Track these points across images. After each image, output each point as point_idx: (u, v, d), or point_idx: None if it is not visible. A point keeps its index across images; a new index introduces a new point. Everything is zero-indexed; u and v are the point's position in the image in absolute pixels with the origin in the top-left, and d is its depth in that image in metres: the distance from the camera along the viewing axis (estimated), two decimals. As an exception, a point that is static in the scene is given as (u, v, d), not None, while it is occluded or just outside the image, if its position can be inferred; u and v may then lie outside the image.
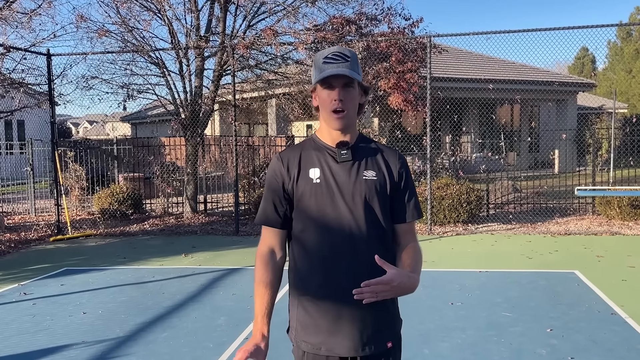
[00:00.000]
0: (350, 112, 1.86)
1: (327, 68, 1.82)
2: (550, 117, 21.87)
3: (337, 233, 1.84)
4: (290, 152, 1.94)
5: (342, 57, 1.83)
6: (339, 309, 1.84)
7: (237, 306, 5.53)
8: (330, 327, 1.85)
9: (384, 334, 1.90)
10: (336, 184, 1.86)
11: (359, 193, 1.86)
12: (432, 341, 4.45)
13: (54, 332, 4.89)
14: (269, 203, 1.93)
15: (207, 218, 11.36)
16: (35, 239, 9.74)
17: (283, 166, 1.91)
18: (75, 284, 6.56)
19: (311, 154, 1.91)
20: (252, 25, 11.31)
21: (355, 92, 1.86)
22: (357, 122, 2.02)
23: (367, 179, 1.87)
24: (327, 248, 1.85)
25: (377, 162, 1.92)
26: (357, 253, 1.83)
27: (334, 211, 1.85)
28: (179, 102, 11.20)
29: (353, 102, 1.86)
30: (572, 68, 41.90)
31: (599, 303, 5.36)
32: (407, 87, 11.67)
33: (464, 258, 7.58)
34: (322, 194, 1.86)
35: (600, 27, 8.81)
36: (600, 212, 10.26)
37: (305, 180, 1.88)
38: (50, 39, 10.99)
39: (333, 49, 1.86)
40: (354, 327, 1.85)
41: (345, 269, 1.83)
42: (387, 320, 1.92)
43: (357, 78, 1.84)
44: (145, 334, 4.78)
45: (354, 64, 1.84)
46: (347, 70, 1.81)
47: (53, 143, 10.38)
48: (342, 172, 1.87)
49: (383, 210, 1.89)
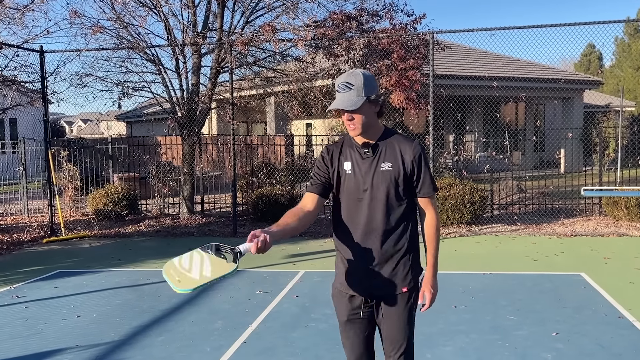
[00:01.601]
0: (362, 124, 2.50)
1: (336, 96, 2.50)
2: (556, 115, 21.87)
3: (361, 211, 2.57)
4: (334, 147, 2.67)
5: (347, 86, 2.47)
6: (361, 263, 2.60)
7: (234, 309, 5.53)
8: (355, 275, 2.62)
9: (395, 283, 2.60)
10: (361, 174, 2.58)
11: (377, 181, 2.55)
12: (435, 345, 4.46)
13: (47, 336, 4.89)
14: (314, 178, 2.67)
15: (204, 219, 11.36)
16: (27, 240, 9.73)
17: (327, 157, 2.66)
18: (69, 287, 6.56)
19: (346, 151, 2.64)
20: (251, 22, 11.31)
21: (362, 110, 2.48)
22: None
23: (384, 169, 2.56)
24: (354, 221, 2.58)
25: (394, 154, 2.57)
26: (374, 225, 2.56)
27: (359, 194, 2.57)
28: (176, 100, 11.20)
29: (360, 119, 2.49)
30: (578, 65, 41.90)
31: (606, 306, 5.36)
32: (409, 84, 11.65)
33: (467, 260, 7.58)
34: (352, 182, 2.59)
35: (607, 23, 8.80)
36: (607, 213, 10.26)
37: (341, 171, 2.62)
38: (43, 35, 11.01)
39: (342, 77, 2.49)
40: (370, 277, 2.59)
41: (365, 236, 2.57)
42: (400, 272, 2.61)
43: (355, 105, 2.44)
44: (140, 338, 4.78)
45: (359, 89, 2.46)
46: (346, 101, 2.46)
47: (46, 142, 10.38)
48: (365, 165, 2.59)
49: (396, 192, 2.56)
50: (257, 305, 5.62)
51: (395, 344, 2.64)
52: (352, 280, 2.64)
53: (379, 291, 2.62)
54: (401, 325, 2.63)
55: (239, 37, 10.49)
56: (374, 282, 2.60)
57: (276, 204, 10.62)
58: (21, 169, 12.64)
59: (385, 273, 2.60)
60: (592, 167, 14.86)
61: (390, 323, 2.63)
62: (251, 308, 5.53)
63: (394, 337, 2.63)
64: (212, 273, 2.18)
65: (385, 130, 2.63)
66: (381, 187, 2.55)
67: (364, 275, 2.61)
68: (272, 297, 5.86)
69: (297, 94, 12.06)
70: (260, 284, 6.44)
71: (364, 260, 2.60)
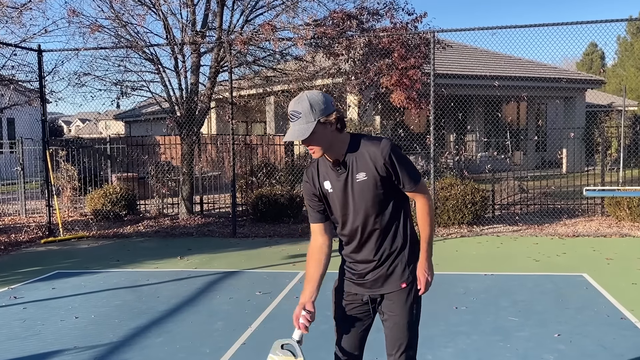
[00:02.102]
0: (321, 148, 2.51)
1: (288, 129, 2.53)
2: (558, 115, 21.87)
3: (353, 224, 2.63)
4: (312, 169, 2.70)
5: (295, 116, 2.46)
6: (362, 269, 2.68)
7: (234, 310, 5.53)
8: (356, 278, 2.70)
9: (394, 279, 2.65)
10: (341, 190, 2.61)
11: (357, 193, 2.58)
12: (436, 347, 4.46)
13: (45, 337, 4.89)
14: (310, 207, 2.72)
15: (204, 219, 11.36)
16: (25, 241, 9.74)
17: (310, 181, 2.70)
18: (67, 288, 6.56)
19: (323, 170, 2.66)
20: (250, 20, 11.32)
21: (316, 135, 2.46)
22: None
23: (359, 180, 2.57)
24: (347, 233, 2.66)
25: (366, 162, 2.55)
26: (367, 233, 2.62)
27: (344, 209, 2.63)
28: (175, 99, 11.20)
29: (317, 142, 2.49)
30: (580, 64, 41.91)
31: (608, 307, 5.36)
32: (410, 84, 11.66)
33: (468, 260, 7.58)
34: (335, 199, 2.64)
35: (609, 22, 8.81)
36: (610, 213, 10.26)
37: (324, 190, 2.67)
38: (41, 34, 11.03)
39: (290, 105, 2.49)
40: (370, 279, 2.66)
41: (361, 244, 2.65)
42: (398, 269, 2.65)
43: (306, 135, 2.43)
44: (139, 339, 4.78)
45: (307, 115, 2.44)
46: (297, 134, 2.44)
47: (44, 142, 10.38)
48: (341, 182, 2.61)
49: (380, 197, 2.57)
50: (256, 306, 5.62)
51: (396, 342, 2.65)
52: (351, 281, 2.72)
53: (379, 290, 2.67)
54: (402, 323, 2.64)
55: (238, 36, 10.49)
56: (374, 283, 2.67)
57: (276, 204, 10.62)
58: (19, 169, 12.63)
59: (384, 273, 2.65)
60: (594, 167, 14.86)
61: (391, 322, 2.65)
62: (251, 309, 5.53)
63: (395, 336, 2.65)
64: None
65: (352, 139, 2.58)
66: (363, 199, 2.57)
67: (364, 279, 2.68)
68: (271, 298, 5.86)
69: (297, 93, 12.04)
70: (259, 284, 6.44)
71: (363, 265, 2.67)
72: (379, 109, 15.78)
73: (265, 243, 9.14)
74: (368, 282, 2.67)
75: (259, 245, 9.01)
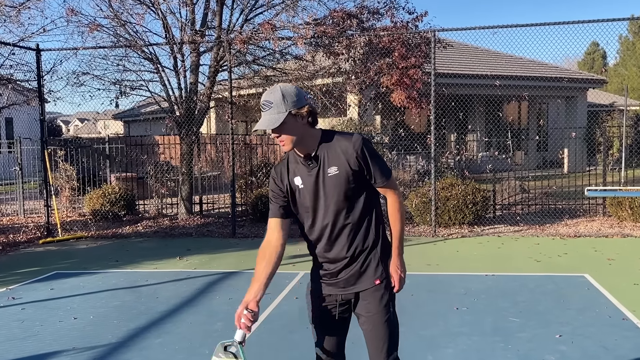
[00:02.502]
0: (290, 140, 2.52)
1: (260, 119, 2.53)
2: (560, 114, 21.86)
3: (323, 220, 2.61)
4: (281, 166, 2.69)
5: (267, 105, 2.49)
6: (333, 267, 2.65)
7: (234, 311, 5.47)
8: (328, 277, 2.67)
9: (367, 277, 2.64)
10: (312, 186, 2.60)
11: (328, 188, 2.57)
12: (436, 347, 4.46)
13: (43, 338, 4.89)
14: (273, 202, 2.70)
15: (203, 219, 11.36)
16: (24, 241, 9.74)
17: (278, 177, 2.69)
18: (65, 288, 6.56)
19: (293, 167, 2.66)
20: (250, 19, 11.32)
21: (286, 126, 2.48)
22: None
23: (331, 175, 2.56)
24: (318, 229, 2.63)
25: (337, 156, 2.55)
26: (338, 229, 2.60)
27: (315, 204, 2.61)
28: (174, 99, 11.20)
29: (287, 134, 2.51)
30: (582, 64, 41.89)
31: (610, 308, 5.36)
32: (410, 83, 11.66)
33: (469, 261, 7.58)
34: (306, 194, 2.62)
35: (611, 21, 8.81)
36: (611, 213, 10.26)
37: (294, 187, 2.65)
38: (39, 33, 11.04)
39: (264, 96, 2.51)
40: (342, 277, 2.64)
41: (332, 241, 2.62)
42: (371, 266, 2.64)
43: (276, 124, 2.45)
44: (138, 340, 4.79)
45: (278, 105, 2.46)
46: (266, 123, 2.47)
47: (42, 142, 10.38)
48: (312, 176, 2.60)
49: (351, 192, 2.57)
50: (256, 306, 5.61)
51: (378, 342, 2.61)
52: (323, 282, 2.69)
53: (353, 289, 2.65)
54: (381, 322, 2.61)
55: (238, 35, 10.49)
56: (347, 282, 2.64)
57: (276, 204, 10.60)
58: (17, 169, 12.64)
59: (357, 270, 2.63)
60: (595, 167, 14.86)
61: (370, 323, 2.63)
62: (250, 310, 5.52)
63: (376, 336, 2.62)
64: None
65: (323, 134, 2.60)
66: (335, 193, 2.56)
67: (337, 277, 2.65)
68: (271, 299, 5.86)
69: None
70: (259, 285, 6.43)
71: (335, 263, 2.64)
72: (380, 109, 15.78)
73: (264, 243, 9.12)
74: (341, 281, 2.65)
75: (258, 245, 8.85)
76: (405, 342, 4.51)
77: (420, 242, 8.85)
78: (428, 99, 10.46)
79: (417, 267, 7.17)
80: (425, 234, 9.42)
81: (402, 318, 4.99)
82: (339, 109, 12.79)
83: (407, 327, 4.88)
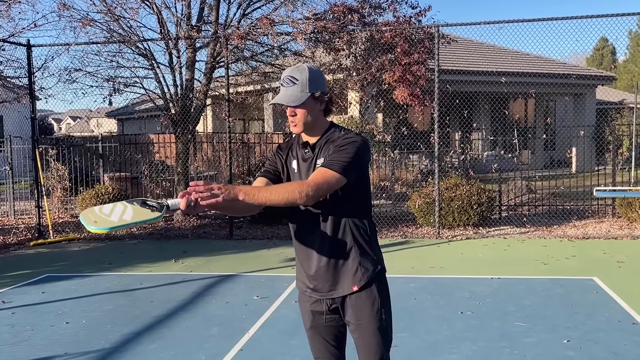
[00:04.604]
0: (304, 121, 2.54)
1: (280, 90, 2.54)
2: (567, 112, 21.86)
3: (306, 211, 2.57)
4: (285, 145, 2.76)
5: (292, 81, 2.50)
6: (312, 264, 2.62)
7: (231, 315, 5.53)
8: (309, 276, 2.65)
9: (346, 281, 2.59)
10: (302, 173, 2.63)
11: None
12: (440, 353, 4.46)
13: (34, 343, 4.89)
14: (266, 168, 2.73)
15: (199, 221, 11.36)
16: (14, 243, 9.74)
17: (279, 153, 2.74)
18: (57, 292, 6.56)
19: (294, 150, 2.70)
20: (247, 14, 11.32)
21: (305, 106, 2.51)
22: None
23: (318, 166, 2.53)
24: (300, 221, 2.65)
25: (328, 148, 2.55)
26: (317, 223, 2.58)
27: None
28: (169, 96, 11.20)
29: (303, 115, 2.53)
30: (590, 60, 41.87)
31: (620, 312, 5.36)
32: (413, 80, 11.65)
33: (474, 264, 7.58)
34: (296, 179, 2.63)
35: (621, 16, 8.81)
36: (621, 214, 10.26)
37: (290, 169, 2.69)
38: (30, 28, 11.02)
39: (287, 71, 2.53)
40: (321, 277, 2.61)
41: (311, 234, 2.61)
42: (349, 270, 2.58)
43: (298, 102, 2.48)
44: (132, 345, 4.79)
45: (303, 84, 2.49)
46: (289, 99, 2.49)
47: (34, 140, 10.38)
48: (305, 165, 2.63)
49: None
50: (254, 311, 5.62)
51: (370, 349, 2.59)
52: (307, 281, 2.66)
53: (334, 293, 2.61)
54: (371, 331, 2.59)
55: (235, 30, 10.48)
56: (325, 282, 2.61)
57: (274, 205, 10.61)
58: (7, 169, 12.64)
59: (334, 272, 2.59)
60: (605, 167, 14.86)
61: (359, 332, 2.61)
62: (248, 314, 5.53)
63: (366, 343, 2.60)
64: (132, 218, 2.23)
65: (331, 126, 2.62)
66: None
67: (316, 276, 2.62)
68: (269, 303, 5.86)
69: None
70: (257, 288, 6.44)
71: (313, 260, 2.61)
72: (381, 107, 15.76)
73: (263, 245, 9.14)
74: (321, 282, 2.60)
75: (256, 247, 9.01)
76: (407, 347, 4.53)
77: (423, 244, 8.85)
78: (431, 96, 10.46)
79: (421, 270, 7.17)
80: (428, 236, 9.42)
81: (405, 322, 5.03)
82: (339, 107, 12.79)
83: (409, 332, 4.88)
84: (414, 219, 10.14)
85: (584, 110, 20.17)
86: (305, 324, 2.75)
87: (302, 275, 2.69)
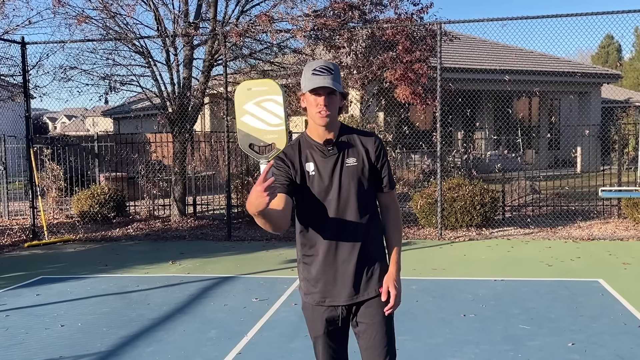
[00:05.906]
0: (333, 114, 2.58)
1: (315, 79, 2.52)
2: (572, 111, 21.87)
3: (331, 212, 2.60)
4: (291, 149, 2.65)
5: (328, 70, 2.53)
6: (336, 268, 2.63)
7: (229, 318, 5.53)
8: (330, 282, 2.64)
9: (373, 284, 2.66)
10: (327, 173, 2.61)
11: (345, 178, 2.60)
12: (443, 356, 4.46)
13: (29, 346, 4.89)
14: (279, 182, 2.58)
15: (197, 222, 11.37)
16: (8, 244, 9.74)
17: (286, 159, 2.62)
18: (52, 294, 6.56)
19: (305, 151, 2.65)
20: (246, 11, 11.31)
21: (337, 98, 2.58)
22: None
23: (349, 165, 2.61)
24: (323, 224, 2.61)
25: (357, 148, 2.65)
26: (346, 224, 2.60)
27: (327, 195, 2.61)
28: (166, 94, 11.20)
29: (335, 106, 2.58)
30: (595, 58, 41.92)
31: (625, 315, 5.36)
32: (415, 78, 11.66)
33: (477, 265, 7.58)
34: (318, 183, 2.61)
35: (626, 13, 8.81)
36: (627, 215, 10.26)
37: (305, 172, 2.63)
38: (24, 25, 11.03)
39: (320, 62, 2.58)
40: (347, 282, 2.63)
41: (337, 237, 2.60)
42: (377, 273, 2.67)
43: (338, 89, 2.55)
44: (128, 349, 4.79)
45: (336, 76, 2.55)
46: (331, 82, 2.51)
47: (28, 139, 10.38)
48: (329, 163, 2.62)
49: (364, 187, 2.63)
50: (253, 313, 5.62)
51: (381, 350, 2.64)
52: (328, 289, 2.65)
53: (359, 297, 2.65)
54: (384, 331, 2.65)
55: (233, 27, 10.49)
56: (352, 287, 2.63)
57: (273, 205, 10.60)
58: (1, 169, 12.64)
59: (363, 275, 2.64)
60: (610, 167, 14.86)
61: (371, 331, 2.65)
62: (247, 317, 5.53)
63: (378, 345, 2.64)
64: None
65: (342, 126, 2.69)
66: (350, 184, 2.60)
67: (341, 282, 2.63)
68: (268, 305, 5.86)
69: (296, 88, 12.06)
70: (256, 291, 6.44)
71: (338, 264, 2.62)
72: (383, 105, 15.79)
73: (262, 247, 9.15)
74: (346, 288, 2.63)
75: (255, 249, 9.01)
76: (409, 351, 4.53)
77: (425, 246, 8.85)
78: (434, 94, 10.47)
79: (423, 271, 7.17)
80: (430, 237, 9.42)
81: (406, 325, 5.03)
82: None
83: (411, 335, 4.88)
84: (415, 220, 10.14)
85: (589, 109, 20.18)
86: (314, 332, 2.72)
87: (324, 285, 2.64)
